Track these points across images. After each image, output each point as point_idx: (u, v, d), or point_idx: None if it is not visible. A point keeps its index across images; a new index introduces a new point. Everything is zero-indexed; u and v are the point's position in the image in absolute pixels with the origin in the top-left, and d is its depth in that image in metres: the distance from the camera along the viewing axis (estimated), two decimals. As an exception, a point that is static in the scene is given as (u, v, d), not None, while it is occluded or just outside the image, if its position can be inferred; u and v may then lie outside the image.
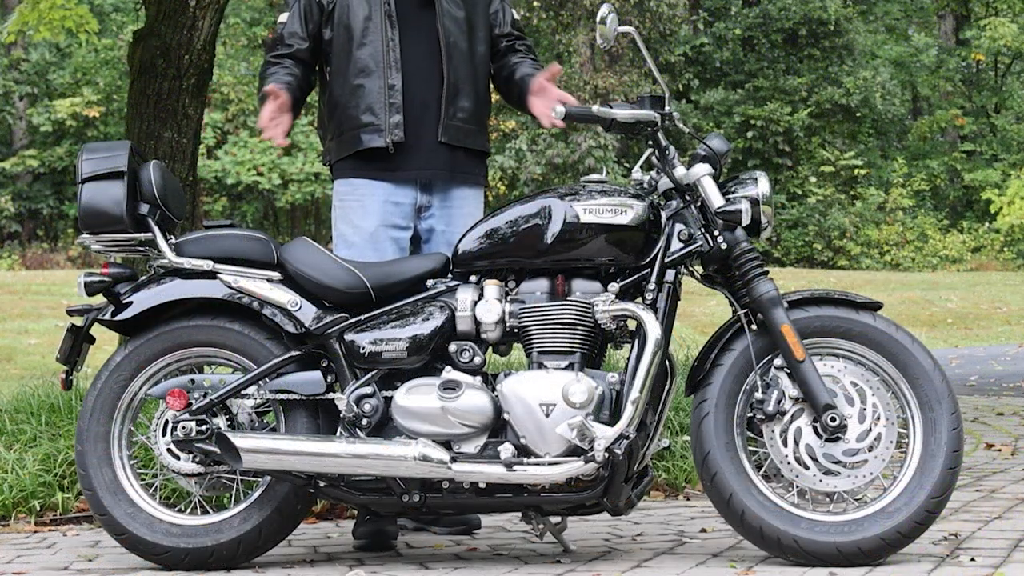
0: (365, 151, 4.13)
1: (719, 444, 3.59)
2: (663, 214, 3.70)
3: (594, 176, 3.76)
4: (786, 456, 3.57)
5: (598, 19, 3.70)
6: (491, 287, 3.69)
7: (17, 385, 6.77)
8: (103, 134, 24.05)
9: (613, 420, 3.55)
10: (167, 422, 3.73)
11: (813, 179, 24.57)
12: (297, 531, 4.18)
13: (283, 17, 4.26)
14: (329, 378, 3.73)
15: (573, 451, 3.53)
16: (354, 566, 3.73)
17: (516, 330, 3.68)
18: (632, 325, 3.63)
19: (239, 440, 3.60)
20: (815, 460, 3.57)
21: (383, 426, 3.67)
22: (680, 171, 3.70)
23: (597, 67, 23.98)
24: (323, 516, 4.61)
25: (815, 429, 3.57)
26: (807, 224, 23.94)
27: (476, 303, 3.68)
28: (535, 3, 23.48)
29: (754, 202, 3.64)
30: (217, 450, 3.65)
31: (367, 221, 4.14)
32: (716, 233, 3.65)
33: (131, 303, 3.77)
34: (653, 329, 3.55)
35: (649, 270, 3.66)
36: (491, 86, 4.37)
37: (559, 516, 3.74)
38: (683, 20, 25.09)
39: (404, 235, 4.18)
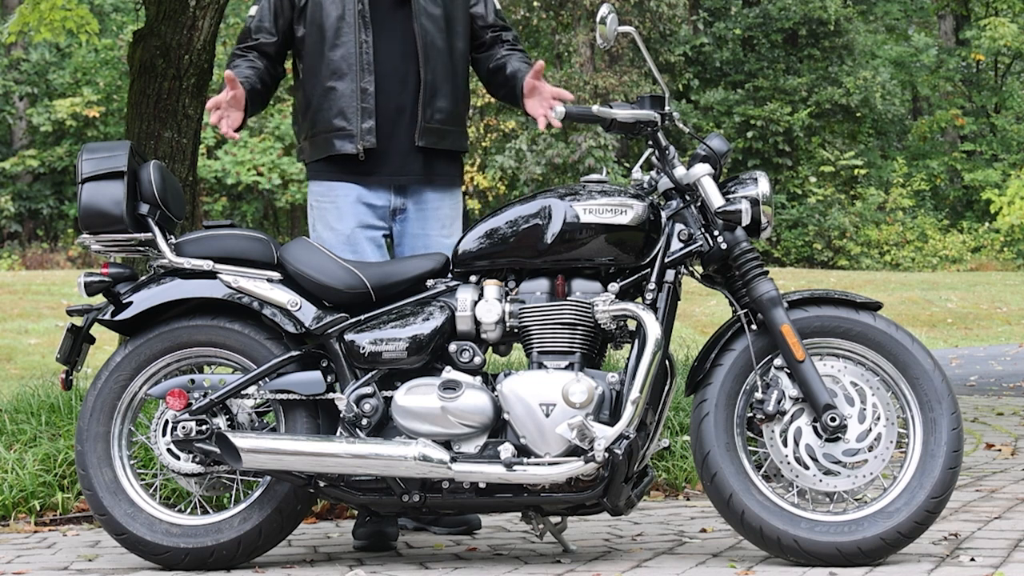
0: (338, 155, 4.10)
1: (719, 444, 3.59)
2: (663, 214, 3.70)
3: (594, 176, 3.76)
4: (786, 456, 3.57)
5: (598, 19, 3.70)
6: (491, 287, 3.69)
7: (17, 385, 6.77)
8: (103, 134, 24.05)
9: (613, 420, 3.55)
10: (167, 422, 3.73)
11: (813, 179, 24.58)
12: (297, 531, 4.19)
13: (253, 10, 4.19)
14: (329, 378, 3.73)
15: (573, 451, 3.53)
16: (354, 566, 3.73)
17: (516, 330, 3.68)
18: (632, 325, 3.63)
19: (239, 440, 3.60)
20: (815, 460, 3.57)
21: (383, 426, 3.67)
22: (680, 171, 3.70)
23: (597, 67, 23.98)
24: (323, 516, 4.61)
25: (815, 429, 3.57)
26: (807, 224, 23.95)
27: (476, 303, 3.68)
28: (535, 3, 23.49)
29: (754, 202, 3.64)
30: (217, 450, 3.65)
31: (342, 223, 4.11)
32: (716, 233, 3.65)
33: (131, 303, 3.77)
34: (653, 329, 3.55)
35: (649, 270, 3.66)
36: (470, 82, 4.29)
37: (559, 516, 3.74)
38: (683, 20, 25.09)
39: (379, 234, 4.16)
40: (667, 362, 3.64)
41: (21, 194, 24.31)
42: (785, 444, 3.58)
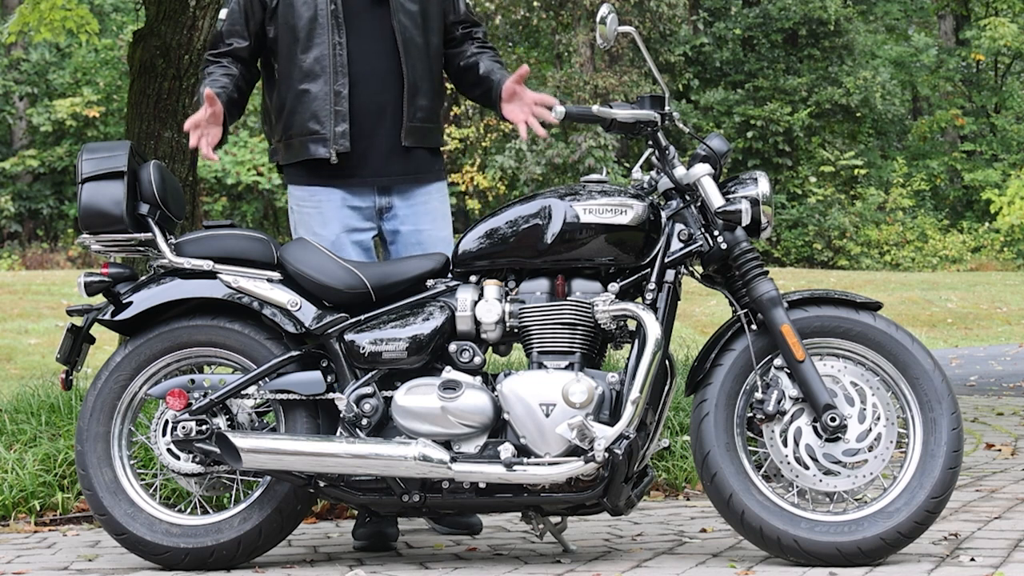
0: (315, 159, 4.04)
1: (719, 444, 3.59)
2: (663, 214, 3.70)
3: (594, 176, 3.76)
4: (786, 456, 3.57)
5: (598, 19, 3.70)
6: (491, 287, 3.68)
7: (17, 385, 6.77)
8: (103, 134, 24.05)
9: (613, 420, 3.55)
10: (167, 422, 3.73)
11: (813, 179, 24.57)
12: (297, 531, 4.19)
13: (223, 13, 4.12)
14: (329, 378, 3.73)
15: (573, 451, 3.53)
16: (354, 566, 3.73)
17: (516, 330, 3.67)
18: (632, 325, 3.63)
19: (239, 440, 3.60)
20: (815, 460, 3.57)
21: (383, 426, 3.67)
22: (680, 171, 3.70)
23: (597, 67, 23.98)
24: (323, 516, 4.61)
25: (815, 429, 3.57)
26: (807, 224, 23.95)
27: (476, 303, 3.68)
28: (535, 3, 23.48)
29: (754, 202, 3.64)
30: (217, 450, 3.65)
31: (327, 229, 4.06)
32: (716, 233, 3.65)
33: (131, 303, 3.77)
34: (653, 329, 3.55)
35: (649, 270, 3.66)
36: (443, 76, 4.25)
37: (559, 516, 3.74)
38: (683, 20, 25.09)
39: (367, 236, 4.11)
40: (667, 362, 3.64)
41: (21, 194, 24.31)
42: (785, 444, 3.58)
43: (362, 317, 3.73)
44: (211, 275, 3.77)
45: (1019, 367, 10.59)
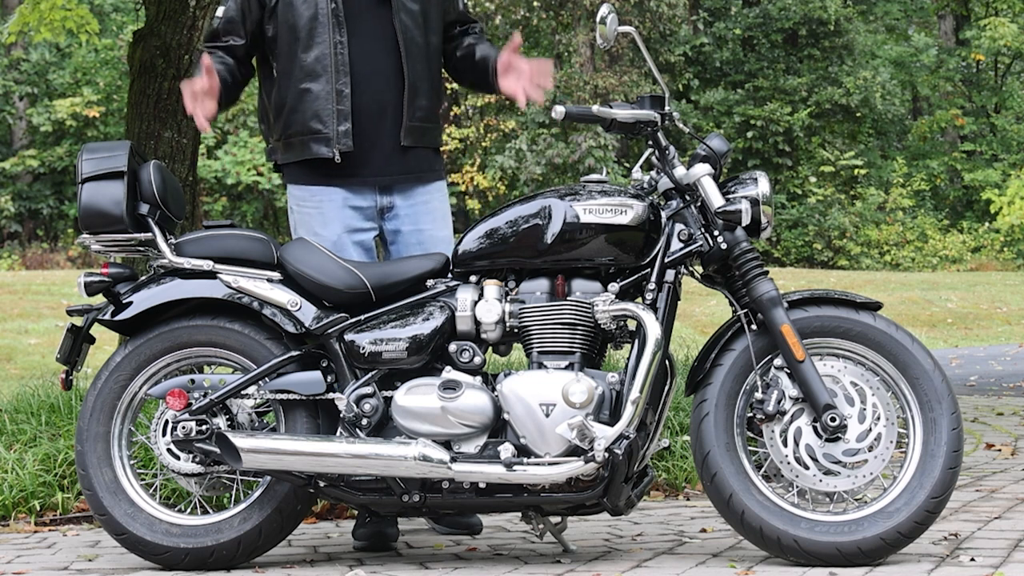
0: (317, 158, 4.04)
1: (719, 444, 3.59)
2: (663, 214, 3.70)
3: (594, 176, 3.76)
4: (786, 456, 3.57)
5: (598, 19, 3.70)
6: (491, 287, 3.69)
7: (17, 385, 6.78)
8: (103, 134, 24.05)
9: (613, 420, 3.55)
10: (167, 422, 3.73)
11: (813, 179, 24.58)
12: (297, 531, 4.19)
13: (220, 11, 4.10)
14: (329, 378, 3.73)
15: (573, 451, 3.53)
16: (354, 566, 3.73)
17: (516, 330, 3.68)
18: (632, 325, 3.63)
19: (239, 440, 3.60)
20: (815, 460, 3.57)
21: (383, 426, 3.67)
22: (680, 171, 3.70)
23: (597, 67, 23.98)
24: (323, 516, 4.61)
25: (815, 429, 3.57)
26: (807, 224, 23.95)
27: (476, 303, 3.68)
28: (535, 3, 23.48)
29: (754, 202, 3.64)
30: (217, 450, 3.65)
31: (328, 229, 4.05)
32: (716, 233, 3.65)
33: (131, 303, 3.77)
34: (653, 329, 3.55)
35: (649, 270, 3.66)
36: (442, 75, 4.26)
37: (559, 516, 3.74)
38: (683, 20, 25.09)
39: (368, 236, 4.11)
40: (667, 362, 3.64)
41: (21, 194, 24.31)
42: (785, 444, 3.58)
43: (362, 317, 3.73)
44: (211, 275, 3.77)
45: (1019, 367, 10.59)
